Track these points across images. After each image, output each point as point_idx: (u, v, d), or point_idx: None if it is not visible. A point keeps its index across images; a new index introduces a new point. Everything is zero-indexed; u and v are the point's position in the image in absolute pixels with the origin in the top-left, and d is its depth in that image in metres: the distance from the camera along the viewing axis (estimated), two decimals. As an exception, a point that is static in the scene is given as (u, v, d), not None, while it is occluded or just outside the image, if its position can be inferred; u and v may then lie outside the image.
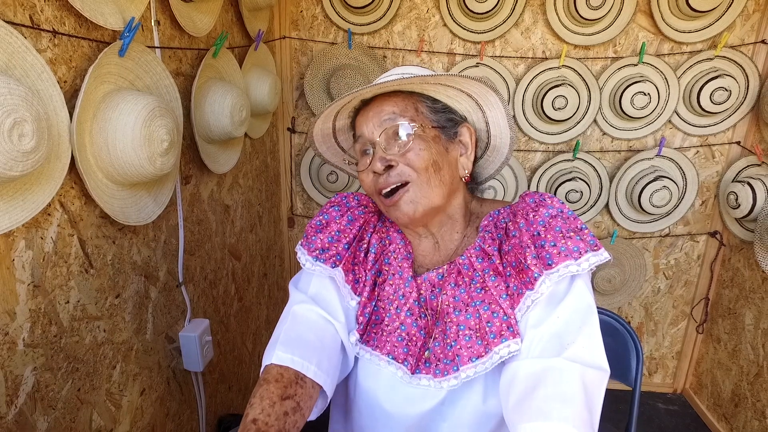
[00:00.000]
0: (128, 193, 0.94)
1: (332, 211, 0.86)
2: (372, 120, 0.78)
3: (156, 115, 0.87)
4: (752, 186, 1.63)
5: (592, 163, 1.86)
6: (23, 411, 0.76)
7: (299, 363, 0.71)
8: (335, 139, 0.92)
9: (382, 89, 0.79)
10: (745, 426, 1.79)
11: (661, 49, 1.75)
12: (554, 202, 0.74)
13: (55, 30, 0.76)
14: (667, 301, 2.07)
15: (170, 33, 1.09)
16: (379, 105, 0.79)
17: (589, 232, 0.71)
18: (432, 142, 0.77)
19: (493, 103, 0.82)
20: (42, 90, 0.72)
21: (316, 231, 0.84)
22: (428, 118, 0.79)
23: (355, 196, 0.89)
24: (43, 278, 0.78)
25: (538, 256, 0.70)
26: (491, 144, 0.88)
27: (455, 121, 0.82)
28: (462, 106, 0.84)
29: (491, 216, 0.81)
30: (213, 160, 1.30)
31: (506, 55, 1.79)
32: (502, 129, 0.85)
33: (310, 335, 0.76)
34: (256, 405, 0.66)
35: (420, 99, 0.80)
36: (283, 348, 0.72)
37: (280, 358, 0.71)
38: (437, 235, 0.83)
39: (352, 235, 0.83)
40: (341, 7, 1.76)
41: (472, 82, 0.78)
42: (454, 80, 0.78)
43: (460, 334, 0.74)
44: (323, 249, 0.81)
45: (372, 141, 0.78)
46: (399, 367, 0.78)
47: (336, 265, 0.80)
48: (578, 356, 0.64)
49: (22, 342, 0.75)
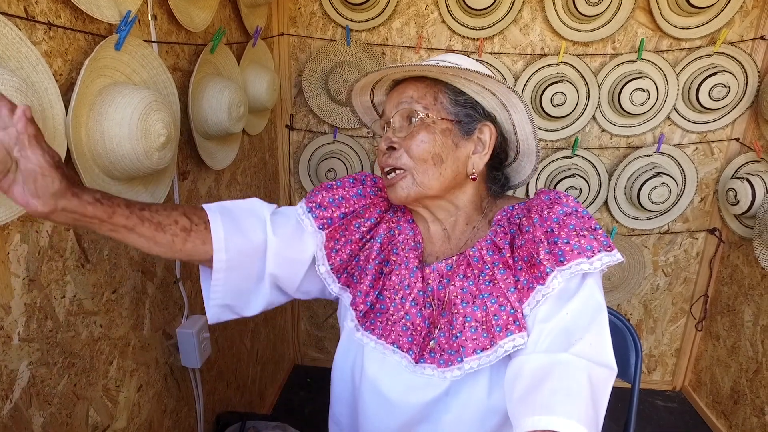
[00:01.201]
0: (125, 187, 0.93)
1: (346, 181, 0.88)
2: (393, 100, 0.80)
3: (153, 109, 0.87)
4: (751, 182, 1.62)
5: (591, 160, 1.86)
6: (18, 406, 0.75)
7: (215, 218, 0.78)
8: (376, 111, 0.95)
9: (405, 73, 0.80)
10: (744, 423, 1.79)
11: (659, 46, 1.75)
12: (569, 200, 0.74)
13: (50, 22, 0.76)
14: (666, 298, 2.07)
15: (167, 28, 1.09)
16: (405, 87, 0.80)
17: (602, 232, 0.71)
18: (439, 134, 0.76)
19: (516, 104, 0.79)
20: (37, 82, 0.72)
21: (323, 189, 0.86)
22: (445, 110, 0.78)
23: (373, 177, 0.91)
24: (38, 272, 0.78)
25: (550, 252, 0.70)
26: (521, 148, 0.84)
27: (475, 117, 0.79)
28: (488, 103, 0.81)
29: (505, 211, 0.80)
30: (211, 157, 1.29)
31: (505, 51, 1.79)
32: (527, 134, 0.82)
33: (242, 215, 0.82)
34: (155, 204, 0.73)
35: (444, 89, 0.79)
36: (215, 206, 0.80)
37: (209, 207, 0.79)
38: (445, 223, 0.83)
39: (353, 207, 0.85)
40: (339, 3, 1.75)
41: (492, 81, 0.75)
42: (472, 75, 0.75)
43: (466, 325, 0.74)
44: (320, 205, 0.84)
45: (388, 119, 0.80)
46: (404, 356, 0.78)
47: (323, 228, 0.83)
48: (586, 353, 0.64)
49: (18, 336, 0.74)
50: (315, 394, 2.13)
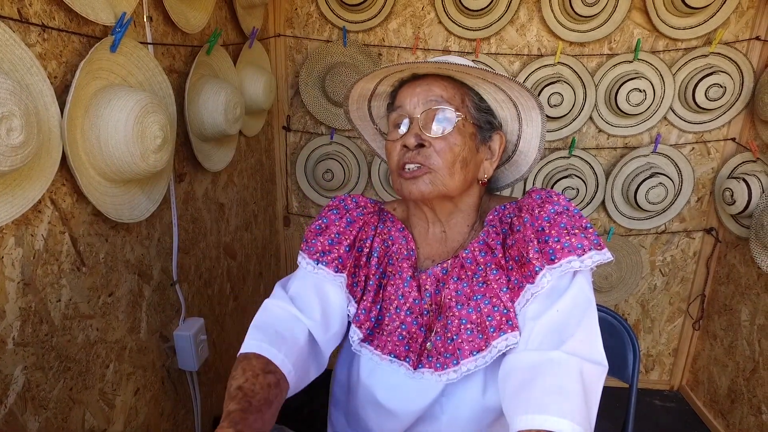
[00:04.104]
0: (121, 190, 0.93)
1: (330, 215, 0.85)
2: (419, 95, 0.78)
3: (149, 111, 0.86)
4: (747, 182, 1.63)
5: (588, 160, 1.86)
6: (13, 411, 0.74)
7: (267, 350, 0.71)
8: (369, 102, 0.91)
9: (438, 69, 0.78)
10: (741, 422, 1.79)
11: (656, 46, 1.75)
12: (560, 199, 0.74)
13: (45, 24, 0.75)
14: (664, 298, 2.07)
15: (163, 29, 1.08)
16: (430, 84, 0.78)
17: (593, 231, 0.71)
18: (468, 138, 0.78)
19: (534, 119, 0.81)
20: (31, 84, 0.71)
21: (316, 234, 0.83)
22: (471, 114, 0.79)
23: (352, 198, 0.89)
24: (33, 276, 0.77)
25: (541, 251, 0.70)
26: (513, 158, 0.88)
27: (492, 125, 0.82)
28: (504, 113, 0.83)
29: (497, 211, 0.81)
30: (207, 158, 1.29)
31: (501, 52, 1.79)
32: (531, 148, 0.85)
33: (279, 328, 0.76)
34: (239, 376, 0.67)
35: (468, 92, 0.80)
36: (254, 334, 0.73)
37: (249, 345, 0.72)
38: (445, 224, 0.83)
39: (352, 237, 0.83)
40: (336, 4, 1.75)
41: (525, 94, 0.77)
42: (508, 85, 0.77)
43: (461, 328, 0.74)
44: (324, 252, 0.81)
45: (411, 115, 0.78)
46: (401, 365, 0.78)
47: (339, 270, 0.80)
48: (577, 350, 0.64)
49: (12, 341, 0.74)
50: (313, 396, 2.12)
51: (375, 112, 0.93)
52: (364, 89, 0.87)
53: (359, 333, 0.80)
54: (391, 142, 0.81)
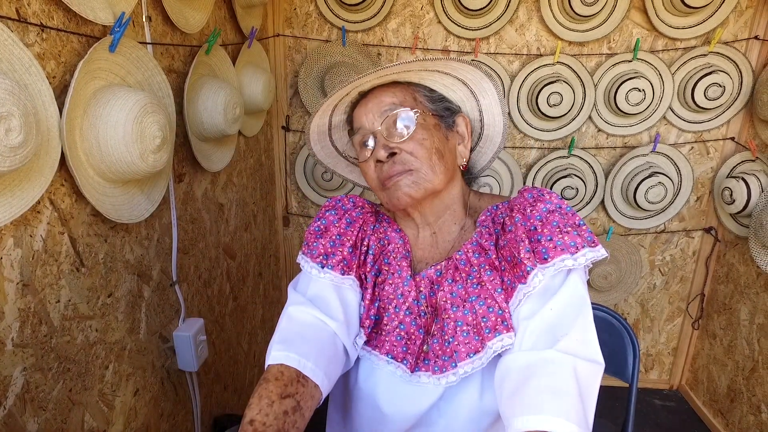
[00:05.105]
0: (120, 190, 0.93)
1: (329, 216, 0.85)
2: (372, 111, 0.78)
3: (148, 111, 0.86)
4: (746, 181, 1.63)
5: (588, 160, 1.86)
6: (12, 412, 0.74)
7: (295, 360, 0.70)
8: (330, 137, 0.91)
9: (380, 79, 0.79)
10: (740, 421, 1.80)
11: (655, 46, 1.75)
12: (552, 197, 0.74)
13: (43, 24, 0.75)
14: (663, 297, 2.07)
15: (162, 29, 1.08)
16: (378, 96, 0.79)
17: (587, 228, 0.71)
18: (433, 129, 0.78)
19: (487, 89, 0.83)
20: (30, 84, 0.71)
21: (316, 237, 0.82)
22: (427, 107, 0.80)
23: (349, 198, 0.89)
24: (32, 277, 0.77)
25: (533, 251, 0.70)
26: (484, 133, 0.89)
27: (452, 110, 0.83)
28: (457, 95, 0.85)
29: (489, 211, 0.80)
30: (206, 158, 1.28)
31: (501, 51, 1.79)
32: (495, 116, 0.86)
33: (306, 334, 0.74)
34: (254, 405, 0.65)
35: (417, 89, 0.81)
36: (279, 347, 0.71)
37: (276, 357, 0.70)
38: (434, 226, 0.83)
39: (354, 237, 0.82)
40: (335, 4, 1.75)
41: (468, 68, 0.79)
42: (450, 66, 0.78)
43: (457, 330, 0.74)
44: (327, 254, 0.80)
45: (373, 131, 0.78)
46: (398, 366, 0.78)
47: (346, 272, 0.79)
48: (571, 348, 0.64)
49: (11, 342, 0.74)
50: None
51: (339, 145, 0.93)
52: (320, 125, 0.87)
53: (362, 335, 0.80)
54: (365, 163, 0.80)
